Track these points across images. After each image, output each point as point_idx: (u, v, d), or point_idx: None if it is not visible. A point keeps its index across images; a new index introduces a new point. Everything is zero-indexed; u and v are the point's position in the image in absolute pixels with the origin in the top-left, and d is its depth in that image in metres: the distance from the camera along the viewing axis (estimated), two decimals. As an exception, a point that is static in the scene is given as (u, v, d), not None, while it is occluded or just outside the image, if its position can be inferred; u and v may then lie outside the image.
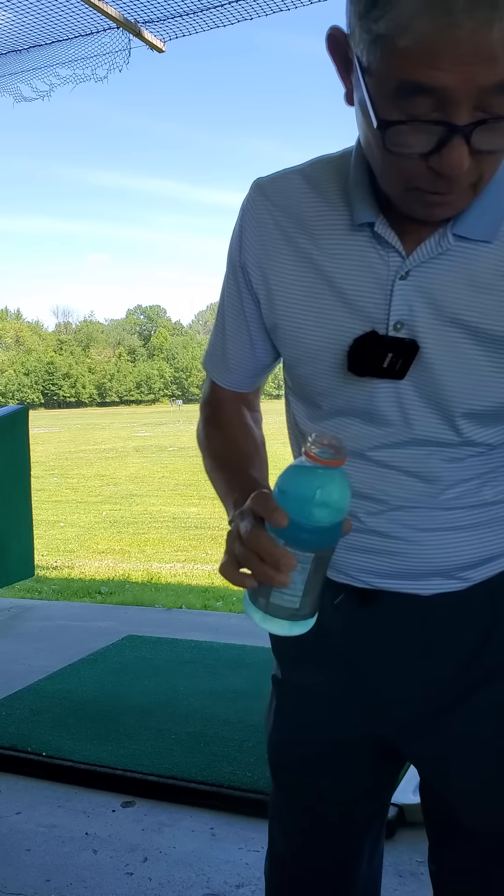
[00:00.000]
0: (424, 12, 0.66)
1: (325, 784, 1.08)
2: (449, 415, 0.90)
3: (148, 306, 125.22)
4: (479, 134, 0.71)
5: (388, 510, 0.96)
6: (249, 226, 0.97)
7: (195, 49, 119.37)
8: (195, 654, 3.75)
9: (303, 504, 0.75)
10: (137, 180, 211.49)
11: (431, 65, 0.67)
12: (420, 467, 0.94)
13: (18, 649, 4.01)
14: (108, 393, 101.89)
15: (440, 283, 0.86)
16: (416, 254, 0.86)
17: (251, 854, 2.19)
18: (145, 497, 12.45)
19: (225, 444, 1.05)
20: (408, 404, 0.91)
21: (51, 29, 4.28)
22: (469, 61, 0.66)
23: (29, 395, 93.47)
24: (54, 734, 2.90)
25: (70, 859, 2.20)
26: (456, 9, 0.65)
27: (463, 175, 0.75)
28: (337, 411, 0.96)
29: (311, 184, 0.94)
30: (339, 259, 0.91)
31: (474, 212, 0.83)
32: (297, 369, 0.98)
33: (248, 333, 1.02)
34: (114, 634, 4.17)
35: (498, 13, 0.64)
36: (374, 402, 0.92)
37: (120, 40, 4.30)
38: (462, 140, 0.71)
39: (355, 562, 1.01)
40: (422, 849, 2.10)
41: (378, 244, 0.88)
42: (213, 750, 2.72)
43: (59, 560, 7.47)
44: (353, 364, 0.89)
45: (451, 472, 0.94)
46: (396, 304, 0.88)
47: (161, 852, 2.22)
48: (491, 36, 0.65)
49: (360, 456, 0.96)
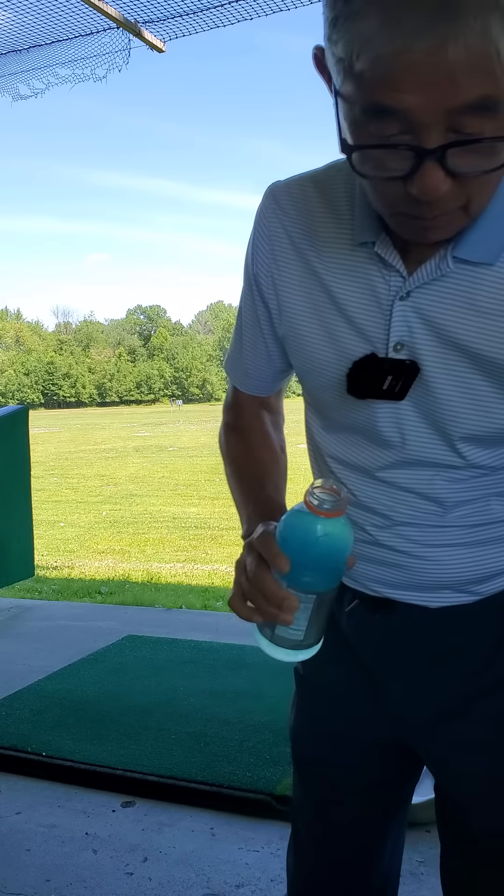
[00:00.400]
0: (378, 35, 0.64)
1: (335, 773, 1.11)
2: (449, 437, 0.89)
3: (148, 306, 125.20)
4: (455, 156, 0.68)
5: (394, 525, 0.96)
6: (261, 236, 0.97)
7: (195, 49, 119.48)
8: (195, 654, 3.75)
9: (302, 552, 0.77)
10: (137, 180, 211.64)
11: (393, 87, 0.65)
12: (424, 488, 0.93)
13: (18, 649, 4.01)
14: (108, 393, 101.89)
15: (440, 306, 0.85)
16: (416, 275, 0.84)
17: (251, 854, 2.19)
18: (145, 497, 12.45)
19: (244, 453, 1.07)
20: (408, 426, 0.91)
21: (50, 29, 4.28)
22: (429, 83, 0.64)
23: (29, 395, 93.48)
24: (54, 734, 2.90)
25: (70, 859, 2.20)
26: (408, 31, 0.63)
27: (443, 199, 0.72)
28: (342, 427, 0.97)
29: (322, 193, 0.93)
30: (342, 275, 0.90)
31: (475, 234, 0.81)
32: (305, 380, 0.99)
33: (264, 341, 1.03)
34: (114, 634, 4.17)
35: (453, 33, 0.62)
36: (374, 422, 0.92)
37: (120, 40, 4.30)
38: (435, 163, 0.68)
39: (366, 571, 1.01)
40: (422, 849, 2.10)
41: (380, 262, 0.87)
42: (213, 750, 2.72)
43: (59, 560, 7.47)
44: (353, 387, 0.89)
45: (456, 493, 0.93)
46: (396, 325, 0.87)
47: (161, 852, 2.22)
48: (447, 57, 0.62)
49: (365, 473, 0.96)
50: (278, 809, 2.34)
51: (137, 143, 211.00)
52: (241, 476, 1.04)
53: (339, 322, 0.91)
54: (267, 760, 2.63)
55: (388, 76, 0.65)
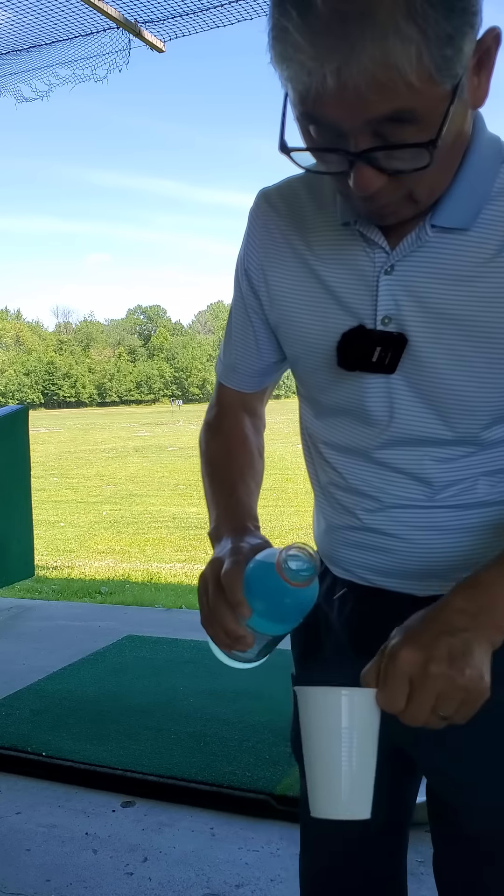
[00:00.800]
0: (296, 56, 0.71)
1: None
2: (439, 409, 0.91)
3: (148, 306, 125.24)
4: (384, 157, 0.75)
5: (385, 508, 0.98)
6: (253, 232, 1.02)
7: (195, 49, 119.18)
8: (195, 654, 3.75)
9: (266, 609, 0.81)
10: (137, 180, 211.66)
11: (316, 102, 0.72)
12: (414, 467, 0.95)
13: (18, 649, 4.01)
14: (108, 393, 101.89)
15: (422, 276, 0.88)
16: (398, 248, 0.88)
17: (251, 854, 2.19)
18: (145, 497, 12.45)
19: (221, 453, 1.09)
20: (399, 401, 0.92)
21: (51, 29, 4.28)
22: (343, 99, 0.70)
23: (29, 395, 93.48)
24: (54, 734, 2.90)
25: (70, 859, 2.20)
26: (318, 55, 0.69)
27: (383, 193, 0.78)
28: (334, 410, 0.99)
29: (309, 188, 0.98)
30: (328, 257, 0.94)
31: (451, 201, 0.85)
32: (297, 366, 1.02)
33: (254, 333, 1.06)
34: (114, 634, 4.17)
35: (356, 58, 0.68)
36: (365, 400, 0.94)
37: (120, 40, 4.30)
38: (365, 164, 0.75)
39: (355, 558, 1.03)
40: (422, 849, 2.09)
41: (364, 241, 0.91)
42: (213, 750, 2.73)
43: (59, 560, 7.48)
44: (343, 359, 0.92)
45: (444, 473, 0.95)
46: (383, 299, 0.90)
47: (161, 852, 2.22)
48: (352, 79, 0.69)
49: (357, 454, 0.98)
50: (278, 809, 2.34)
51: (137, 143, 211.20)
52: (214, 476, 1.06)
53: (328, 301, 0.94)
54: (267, 760, 2.63)
55: (309, 92, 0.72)
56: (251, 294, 1.03)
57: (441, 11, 0.68)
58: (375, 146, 0.74)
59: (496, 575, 0.81)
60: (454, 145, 0.80)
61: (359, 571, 1.03)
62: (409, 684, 0.74)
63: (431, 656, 0.74)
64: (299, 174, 1.00)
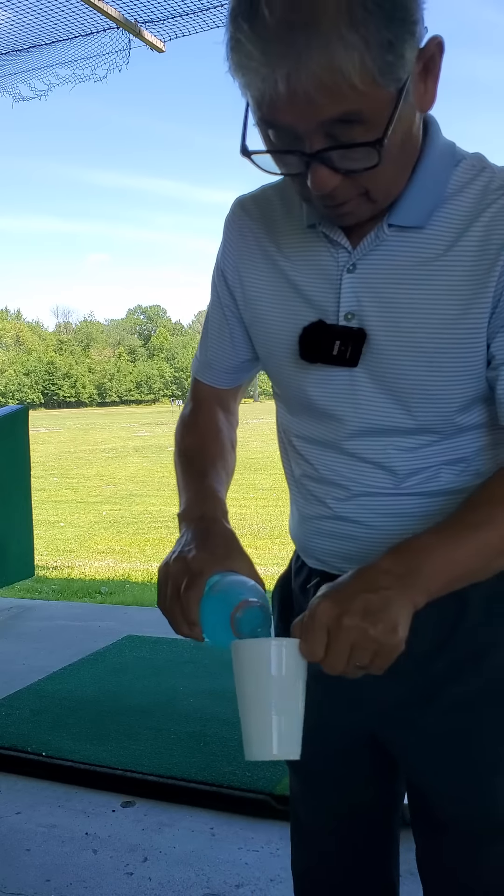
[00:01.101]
0: (249, 64, 0.77)
1: (317, 766, 1.14)
2: (403, 400, 0.96)
3: (148, 306, 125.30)
4: (337, 157, 0.81)
5: (354, 496, 1.03)
6: (229, 236, 1.08)
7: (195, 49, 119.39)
8: (195, 654, 3.75)
9: (217, 639, 0.86)
10: (137, 180, 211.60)
11: (271, 107, 0.78)
12: (379, 457, 1.00)
13: (18, 649, 4.01)
14: (108, 393, 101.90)
15: (382, 273, 0.94)
16: (359, 248, 0.94)
17: (251, 854, 2.19)
18: (145, 497, 12.45)
19: (195, 444, 1.13)
20: (363, 392, 0.98)
21: (51, 29, 4.28)
22: (294, 104, 0.76)
23: (29, 395, 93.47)
24: (54, 734, 2.90)
25: (70, 859, 2.20)
26: (269, 62, 0.75)
27: (339, 192, 0.84)
28: (304, 404, 1.04)
29: (281, 195, 1.04)
30: (296, 258, 1.00)
31: (407, 201, 0.91)
32: (268, 364, 1.08)
33: (229, 331, 1.12)
34: (114, 634, 4.17)
35: (303, 65, 0.74)
36: (332, 390, 0.99)
37: (120, 40, 4.30)
38: (320, 164, 0.81)
39: (327, 547, 1.08)
40: (422, 849, 2.10)
41: (328, 242, 0.97)
42: (213, 750, 2.72)
43: (59, 560, 7.47)
44: (304, 351, 0.97)
45: (408, 462, 1.00)
46: (345, 297, 0.96)
47: (161, 852, 2.22)
48: (301, 84, 0.75)
49: (327, 446, 1.04)
50: (278, 809, 2.34)
51: (137, 143, 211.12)
52: (186, 465, 1.10)
53: (295, 299, 1.00)
54: (267, 760, 2.63)
55: (264, 98, 0.78)
56: (227, 294, 1.09)
57: (381, 20, 0.74)
58: (328, 146, 0.80)
59: (426, 542, 0.86)
60: (405, 147, 0.86)
61: (331, 560, 1.07)
62: (327, 635, 0.79)
63: (347, 609, 0.79)
64: (273, 182, 1.06)
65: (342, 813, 1.17)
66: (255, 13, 0.75)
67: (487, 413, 0.98)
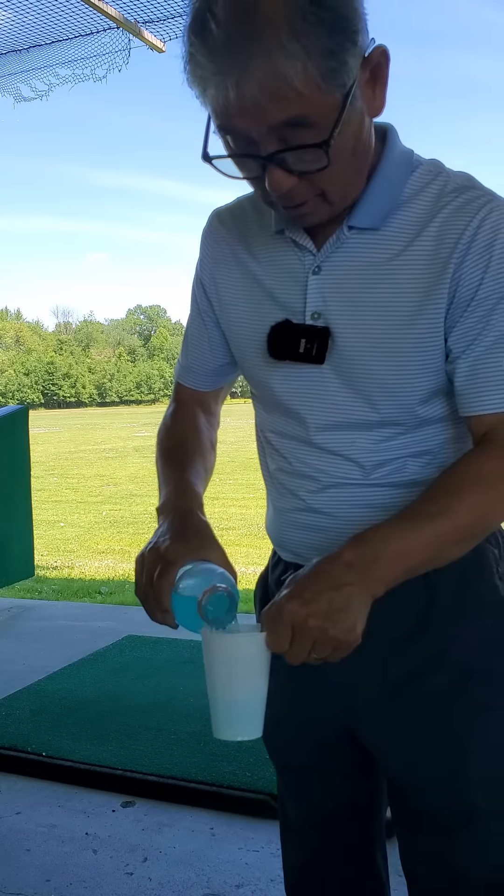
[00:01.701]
0: (202, 73, 0.82)
1: (299, 761, 1.18)
2: (366, 394, 1.01)
3: (148, 306, 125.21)
4: (291, 159, 0.86)
5: (325, 488, 1.07)
6: (206, 246, 1.14)
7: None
8: (195, 654, 3.75)
9: (189, 625, 0.91)
10: (137, 180, 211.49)
11: (224, 113, 0.84)
12: (346, 449, 1.04)
13: (18, 649, 4.01)
14: (108, 393, 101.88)
15: (344, 272, 0.99)
16: (323, 250, 1.00)
17: (251, 854, 2.19)
18: (145, 497, 12.45)
19: (175, 442, 1.17)
20: (330, 388, 1.02)
21: (51, 29, 4.28)
22: (244, 109, 0.82)
23: (29, 395, 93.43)
24: (54, 734, 2.90)
25: (70, 859, 2.20)
26: (219, 71, 0.81)
27: (295, 193, 0.89)
28: (276, 401, 1.08)
29: (255, 206, 1.08)
30: (266, 262, 1.06)
31: (365, 205, 0.97)
32: (242, 364, 1.13)
33: (207, 336, 1.17)
34: (114, 634, 4.17)
35: (248, 73, 0.79)
36: (301, 386, 1.04)
37: (120, 40, 4.31)
38: (275, 166, 0.86)
39: (300, 539, 1.11)
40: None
41: (295, 246, 1.02)
42: (213, 750, 2.72)
43: (59, 560, 7.47)
44: (272, 349, 1.03)
45: (374, 454, 1.04)
46: (311, 297, 1.01)
47: (161, 852, 2.22)
48: (249, 91, 0.80)
49: (298, 439, 1.08)
50: (278, 809, 2.34)
51: (137, 143, 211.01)
52: (166, 461, 1.14)
53: (266, 301, 1.06)
54: (267, 760, 2.62)
55: (218, 105, 0.83)
56: (205, 301, 1.15)
57: (321, 30, 0.79)
58: (280, 149, 0.85)
59: (384, 532, 0.90)
60: (356, 150, 0.91)
61: (304, 552, 1.10)
62: (292, 631, 0.85)
63: (312, 612, 0.84)
64: (249, 193, 1.12)
65: (324, 808, 1.19)
66: (204, 27, 0.81)
67: (449, 406, 1.03)
